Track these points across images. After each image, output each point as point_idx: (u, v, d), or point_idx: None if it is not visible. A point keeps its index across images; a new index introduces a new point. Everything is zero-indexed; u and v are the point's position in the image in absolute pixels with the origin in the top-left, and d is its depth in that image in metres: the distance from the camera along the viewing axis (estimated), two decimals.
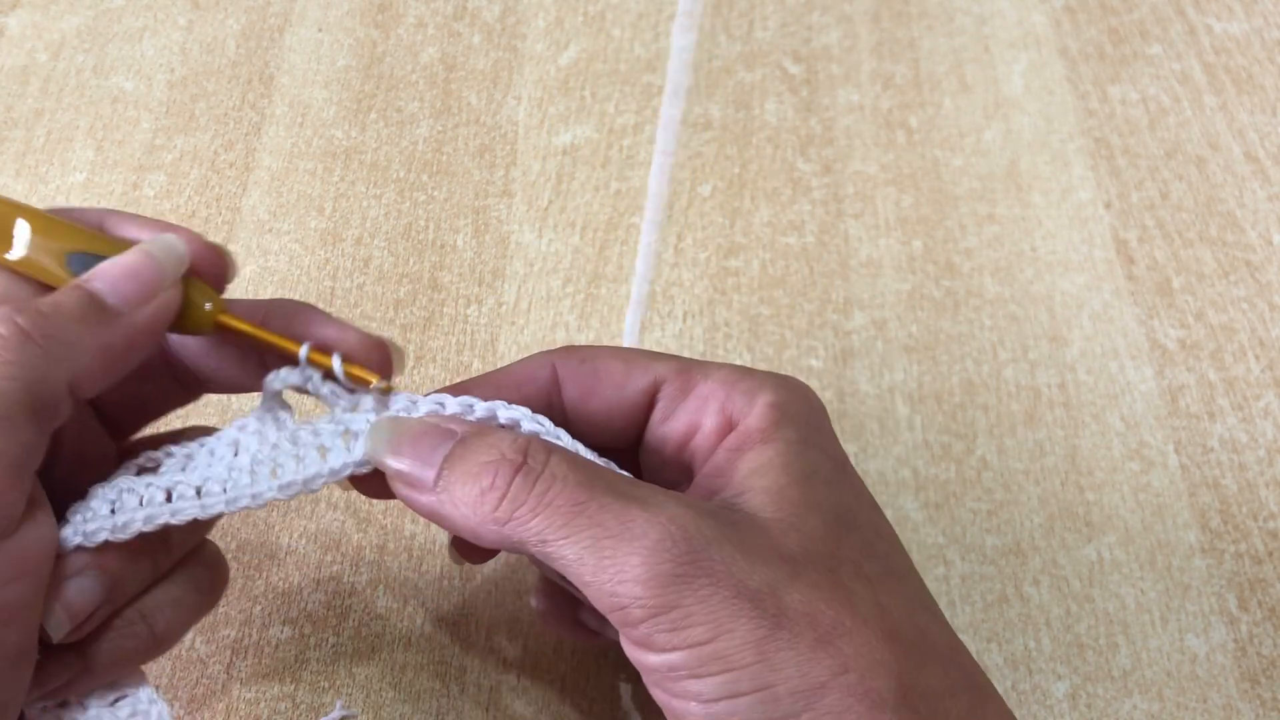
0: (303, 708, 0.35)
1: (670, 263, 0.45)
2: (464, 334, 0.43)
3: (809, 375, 0.42)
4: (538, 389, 0.29)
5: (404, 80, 0.51)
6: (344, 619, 0.37)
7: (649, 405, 0.29)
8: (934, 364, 0.43)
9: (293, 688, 0.35)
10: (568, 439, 0.27)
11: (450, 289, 0.44)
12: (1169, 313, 0.44)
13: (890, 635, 0.24)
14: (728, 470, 0.26)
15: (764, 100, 0.50)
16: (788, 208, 0.47)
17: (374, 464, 0.27)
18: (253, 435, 0.28)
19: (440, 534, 0.38)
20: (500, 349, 0.43)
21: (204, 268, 0.28)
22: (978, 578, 0.38)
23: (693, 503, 0.25)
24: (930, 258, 0.46)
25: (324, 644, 0.36)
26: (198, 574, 0.29)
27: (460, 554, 0.31)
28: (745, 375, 0.28)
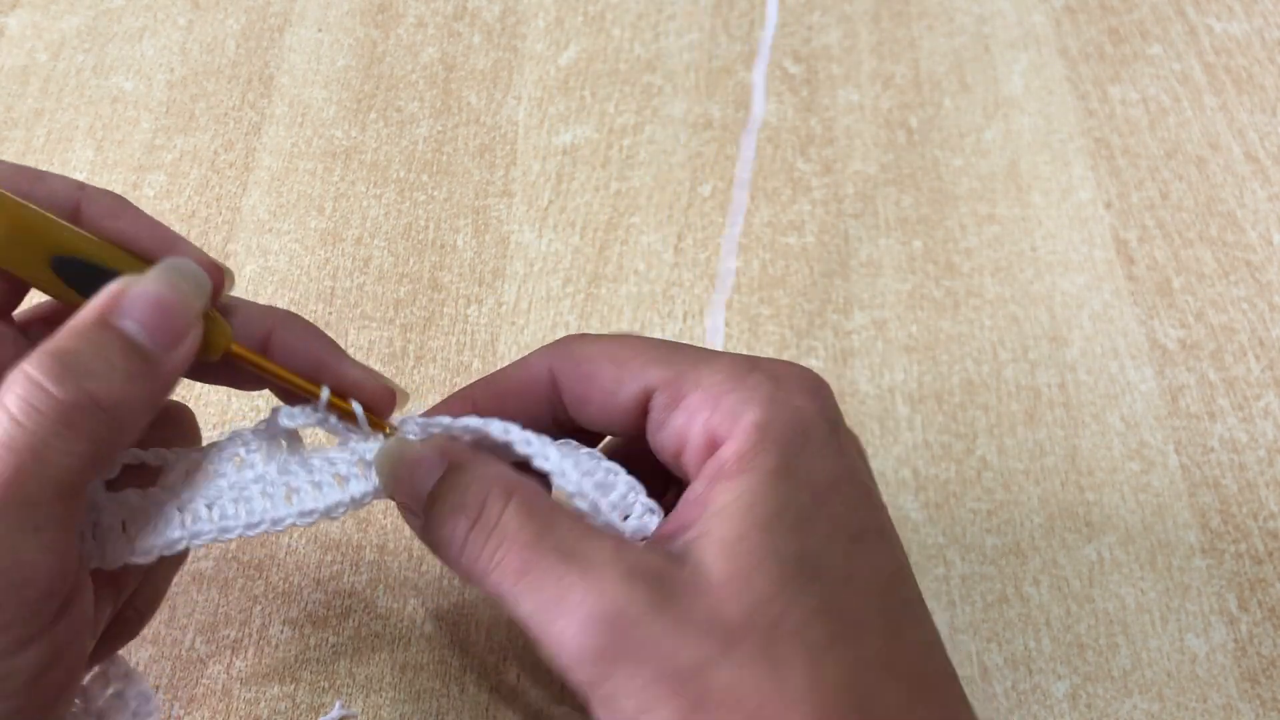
0: (303, 708, 0.35)
1: (670, 263, 0.45)
2: (464, 334, 0.43)
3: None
4: (539, 392, 0.29)
5: (404, 80, 0.51)
6: (344, 619, 0.37)
7: (643, 411, 0.28)
8: (934, 364, 0.43)
9: (293, 688, 0.35)
10: (555, 458, 0.27)
11: (450, 289, 0.44)
12: (1169, 313, 0.44)
13: (820, 712, 0.22)
14: (701, 501, 0.25)
15: (764, 100, 0.50)
16: (788, 208, 0.47)
17: (382, 487, 0.28)
18: (256, 454, 0.28)
19: None
20: (500, 349, 0.43)
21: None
22: (978, 578, 0.38)
23: (636, 565, 0.24)
24: (930, 258, 0.46)
25: (324, 644, 0.36)
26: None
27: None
28: (736, 384, 0.26)
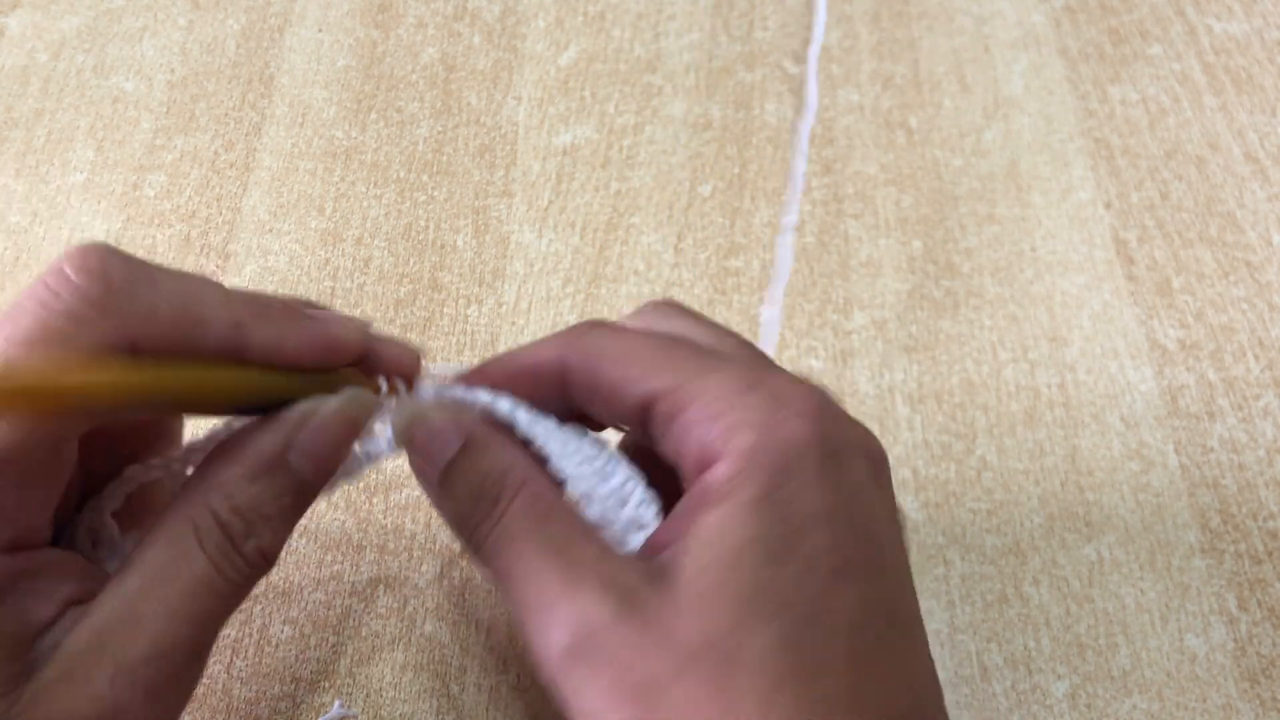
0: (303, 708, 0.35)
1: (670, 263, 0.45)
2: (464, 334, 0.43)
3: (809, 375, 0.42)
4: (550, 378, 0.29)
5: (404, 80, 0.51)
6: (344, 619, 0.37)
7: (646, 417, 0.27)
8: (934, 364, 0.43)
9: (293, 688, 0.35)
10: (555, 446, 0.28)
11: (450, 289, 0.44)
12: (1169, 313, 0.44)
13: None
14: (688, 520, 0.25)
15: (764, 100, 0.50)
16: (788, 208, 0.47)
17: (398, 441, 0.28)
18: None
19: (439, 533, 0.38)
20: (500, 349, 0.43)
21: (396, 372, 0.29)
22: (978, 578, 0.38)
23: (612, 577, 0.24)
24: (930, 258, 0.46)
25: (324, 644, 0.36)
26: None
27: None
28: (734, 403, 0.25)
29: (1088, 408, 0.42)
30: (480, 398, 0.28)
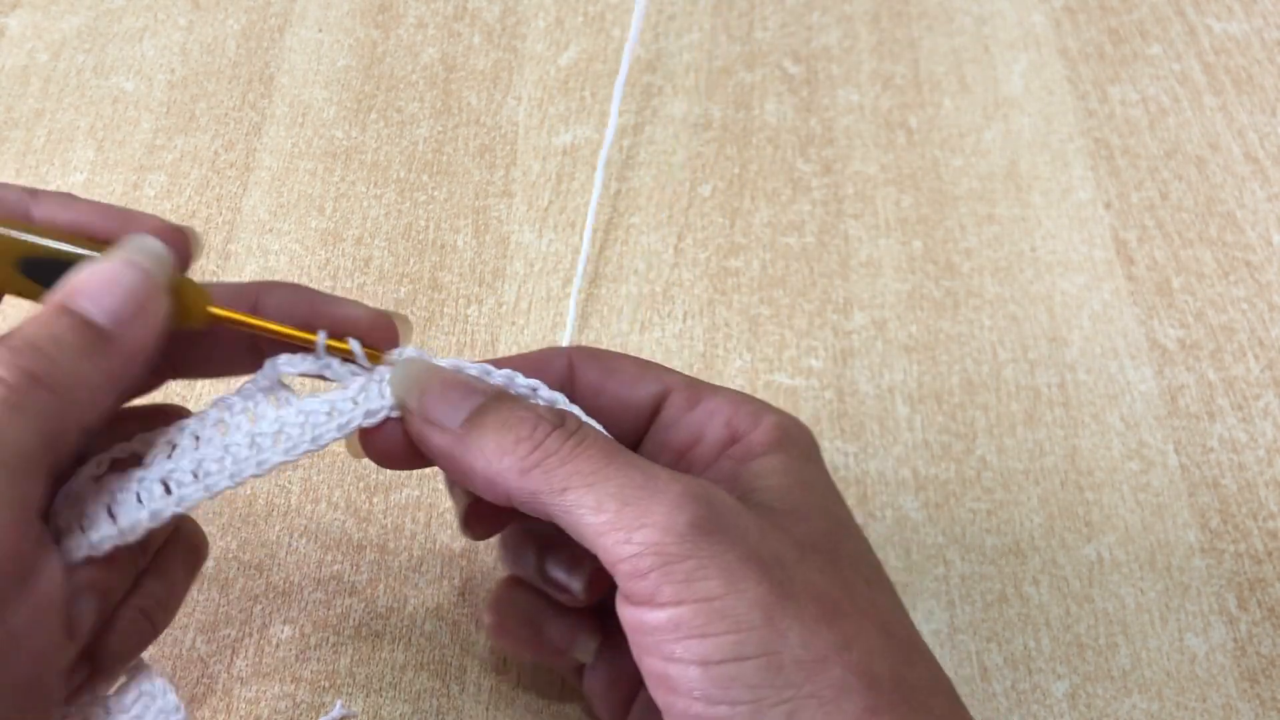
0: (303, 708, 0.35)
1: (670, 263, 0.45)
2: (464, 334, 0.43)
3: (809, 375, 0.42)
4: (554, 376, 0.29)
5: (404, 80, 0.51)
6: (344, 619, 0.37)
7: (654, 410, 0.30)
8: (934, 364, 0.43)
9: (293, 688, 0.35)
10: (582, 415, 0.28)
11: (450, 289, 0.44)
12: (1169, 313, 0.44)
13: (884, 628, 0.25)
14: (732, 475, 0.28)
15: (764, 100, 0.50)
16: (788, 208, 0.47)
17: (398, 402, 0.27)
18: (242, 415, 0.28)
19: (439, 533, 0.38)
20: (500, 349, 0.43)
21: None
22: (978, 578, 0.38)
23: (707, 481, 0.26)
24: (930, 258, 0.46)
25: (324, 644, 0.36)
26: (183, 552, 0.30)
27: (469, 527, 0.32)
28: (750, 400, 0.29)
29: (1088, 408, 0.42)
30: (491, 371, 0.28)
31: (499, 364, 0.29)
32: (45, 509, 0.25)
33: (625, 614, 0.25)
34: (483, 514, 0.31)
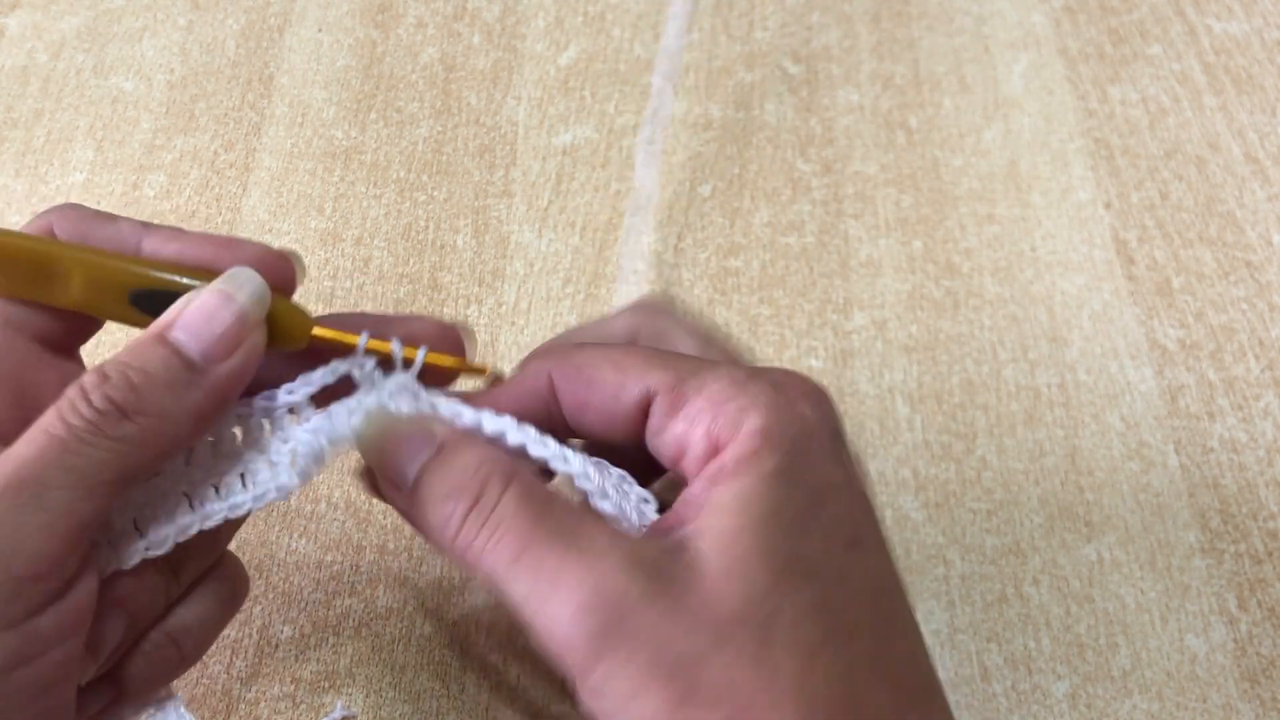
0: (303, 708, 0.35)
1: (670, 263, 0.45)
2: None
3: (809, 375, 0.42)
4: (536, 401, 0.28)
5: (404, 80, 0.51)
6: (344, 619, 0.37)
7: (643, 416, 0.28)
8: (934, 364, 0.43)
9: (293, 688, 0.35)
10: (554, 446, 0.27)
11: (450, 289, 0.44)
12: (1169, 313, 0.44)
13: (810, 709, 0.23)
14: (699, 502, 0.25)
15: (764, 100, 0.50)
16: (788, 208, 0.47)
17: (365, 458, 0.27)
18: (257, 430, 0.28)
19: None
20: (500, 349, 0.43)
21: (272, 279, 0.27)
22: (978, 578, 0.38)
23: (635, 552, 0.24)
24: (930, 258, 0.46)
25: (324, 644, 0.36)
26: (220, 588, 0.29)
27: (367, 487, 0.30)
28: (739, 390, 0.26)
29: (1088, 408, 0.42)
30: (463, 412, 0.27)
31: (479, 401, 0.28)
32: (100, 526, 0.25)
33: None
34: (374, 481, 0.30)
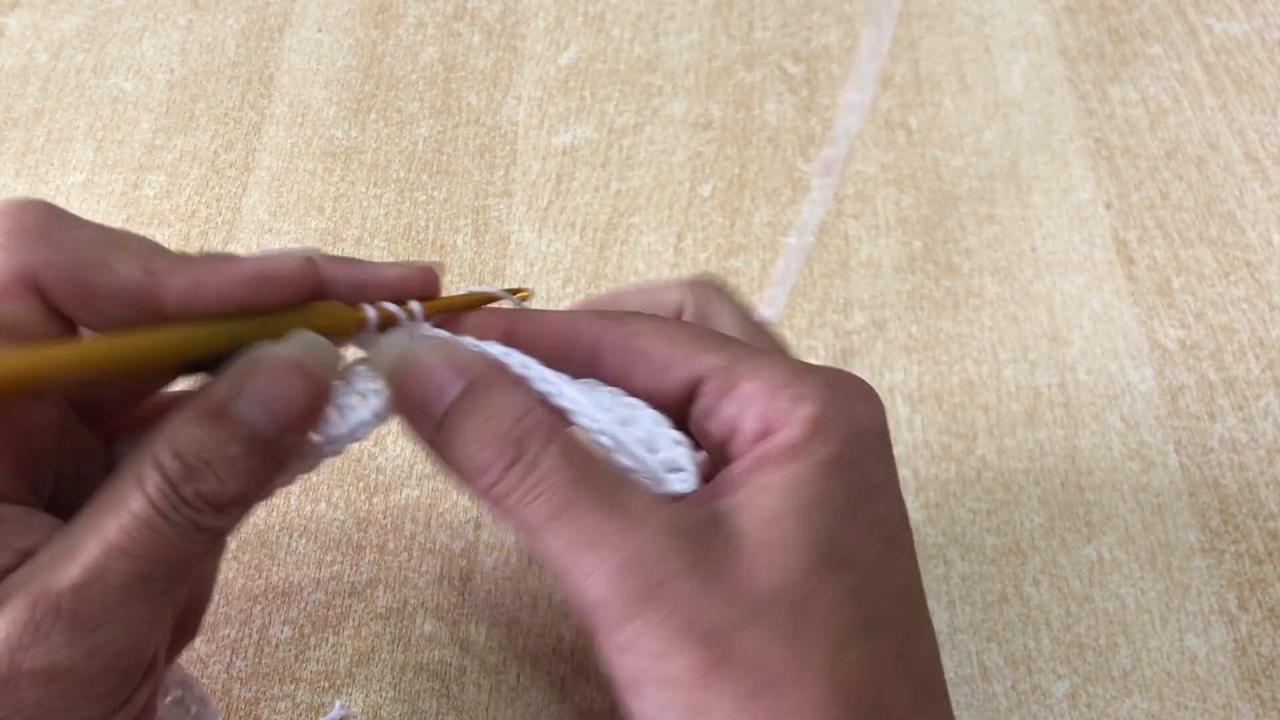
0: (303, 708, 0.35)
1: (670, 263, 0.45)
2: None
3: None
4: (578, 351, 0.28)
5: (404, 80, 0.51)
6: (344, 619, 0.37)
7: (688, 396, 0.27)
8: (934, 364, 0.43)
9: (293, 688, 0.35)
10: (575, 397, 0.26)
11: (450, 289, 0.44)
12: (1169, 313, 0.44)
13: (838, 692, 0.23)
14: (745, 478, 0.25)
15: (764, 100, 0.50)
16: (788, 208, 0.47)
17: (381, 379, 0.26)
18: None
19: (439, 533, 0.38)
20: None
21: (417, 292, 0.27)
22: (978, 578, 0.38)
23: (677, 519, 0.24)
24: (930, 258, 0.46)
25: (324, 644, 0.36)
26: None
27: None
28: (795, 378, 0.26)
29: (1088, 408, 0.42)
30: (489, 351, 0.26)
31: (519, 328, 0.27)
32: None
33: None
34: None
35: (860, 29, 0.53)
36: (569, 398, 0.26)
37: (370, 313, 0.27)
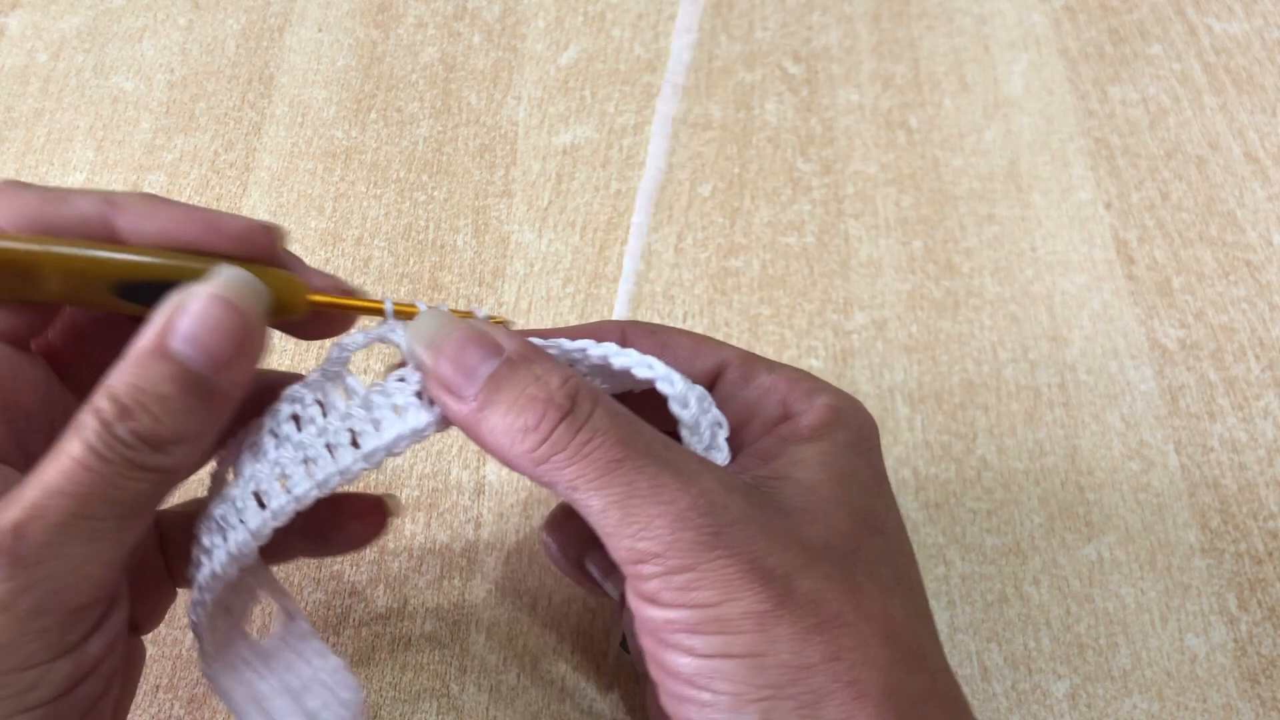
0: None
1: (670, 263, 0.45)
2: None
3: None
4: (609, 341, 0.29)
5: (404, 80, 0.51)
6: (344, 619, 0.37)
7: (710, 384, 0.30)
8: (934, 364, 0.43)
9: None
10: (663, 369, 0.27)
11: (450, 289, 0.44)
12: (1169, 313, 0.44)
13: (888, 636, 0.25)
14: (773, 455, 0.27)
15: (764, 100, 0.50)
16: (788, 208, 0.47)
17: (412, 361, 0.27)
18: (313, 407, 0.27)
19: (439, 533, 0.38)
20: None
21: (258, 253, 0.27)
22: (978, 577, 0.38)
23: (727, 477, 0.25)
24: (930, 258, 0.46)
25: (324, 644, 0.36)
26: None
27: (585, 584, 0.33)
28: (807, 378, 0.29)
29: (1088, 408, 0.42)
30: (564, 345, 0.27)
31: (546, 335, 0.28)
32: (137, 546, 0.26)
33: (631, 600, 0.25)
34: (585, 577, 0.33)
35: (860, 29, 0.53)
36: (656, 370, 0.27)
37: (387, 304, 0.28)
